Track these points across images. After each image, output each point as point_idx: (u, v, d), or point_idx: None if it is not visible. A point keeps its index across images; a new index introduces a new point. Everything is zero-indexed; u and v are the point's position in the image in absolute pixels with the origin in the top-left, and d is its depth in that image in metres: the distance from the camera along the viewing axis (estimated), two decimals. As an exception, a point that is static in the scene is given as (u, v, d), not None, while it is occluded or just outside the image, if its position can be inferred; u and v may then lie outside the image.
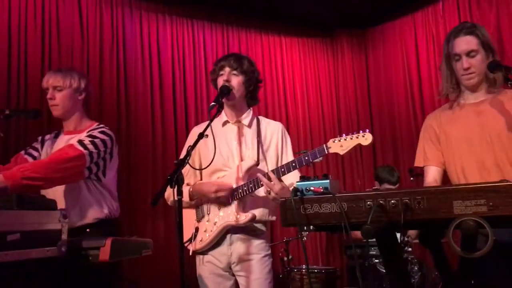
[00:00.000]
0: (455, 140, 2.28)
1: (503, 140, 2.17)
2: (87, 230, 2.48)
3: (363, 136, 2.15)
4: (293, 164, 2.30)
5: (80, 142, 2.46)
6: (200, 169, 2.57)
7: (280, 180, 2.34)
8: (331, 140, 2.22)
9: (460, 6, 5.31)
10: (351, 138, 2.17)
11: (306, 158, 2.25)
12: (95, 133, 2.56)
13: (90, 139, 2.50)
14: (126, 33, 4.83)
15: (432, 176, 2.33)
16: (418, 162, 2.44)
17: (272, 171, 2.33)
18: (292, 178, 2.39)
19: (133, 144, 4.64)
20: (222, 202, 2.46)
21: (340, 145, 2.19)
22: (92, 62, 4.54)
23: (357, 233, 1.40)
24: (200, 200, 2.55)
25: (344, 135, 2.20)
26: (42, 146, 2.72)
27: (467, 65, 2.22)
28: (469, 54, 2.23)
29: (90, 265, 2.00)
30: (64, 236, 1.94)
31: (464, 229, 1.28)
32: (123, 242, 2.09)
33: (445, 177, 2.36)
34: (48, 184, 2.33)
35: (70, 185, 2.51)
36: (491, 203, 1.32)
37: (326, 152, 2.21)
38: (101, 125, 2.67)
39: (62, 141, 2.63)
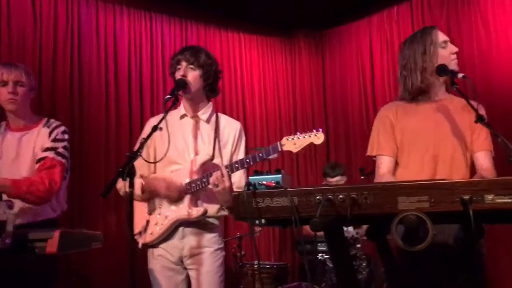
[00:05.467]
0: (411, 133, 2.33)
1: (454, 142, 2.27)
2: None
3: (315, 135, 2.21)
4: (247, 161, 2.32)
5: (58, 153, 2.57)
6: (154, 162, 2.54)
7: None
8: (284, 138, 2.26)
9: (413, 11, 5.50)
10: (304, 137, 2.22)
11: (260, 155, 2.28)
12: (60, 135, 2.62)
13: (63, 146, 2.61)
14: (82, 23, 4.70)
15: (386, 167, 2.35)
16: (370, 151, 2.44)
17: (226, 166, 2.35)
18: (237, 177, 2.43)
19: (85, 136, 4.54)
20: (172, 199, 2.45)
21: (293, 143, 2.23)
22: (45, 51, 4.40)
23: (308, 229, 1.43)
24: (151, 194, 2.52)
25: (298, 133, 2.25)
26: None
27: (457, 49, 2.34)
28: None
29: (36, 258, 1.96)
30: (9, 228, 1.89)
31: (406, 224, 1.34)
32: (72, 234, 2.05)
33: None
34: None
35: None
36: (432, 200, 1.39)
37: (280, 150, 2.25)
38: (54, 122, 2.68)
39: (13, 138, 2.61)
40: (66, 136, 2.66)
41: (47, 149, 2.56)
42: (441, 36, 2.35)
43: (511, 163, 1.73)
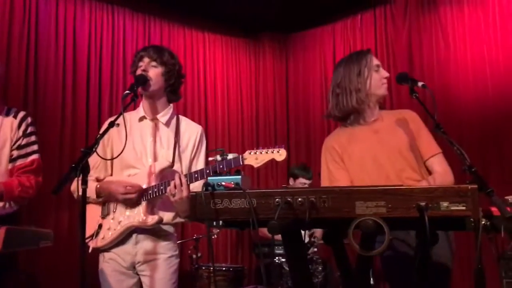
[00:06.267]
0: (358, 159, 2.34)
1: (403, 155, 2.29)
2: None
3: (278, 152, 2.16)
4: (207, 171, 2.25)
5: (36, 152, 2.64)
6: (110, 159, 2.46)
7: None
8: (247, 152, 2.21)
9: (376, 20, 5.61)
10: (267, 152, 2.17)
11: (221, 166, 2.22)
12: (30, 128, 2.63)
13: (35, 141, 2.64)
14: (40, 13, 4.53)
15: None
16: (324, 183, 2.43)
17: (185, 175, 2.28)
18: (197, 184, 2.35)
19: (39, 132, 4.33)
20: (130, 203, 2.36)
21: (255, 158, 2.18)
22: (-2, 40, 4.23)
23: (266, 232, 1.42)
24: (107, 198, 2.43)
25: (260, 148, 2.22)
26: None
27: (388, 74, 2.39)
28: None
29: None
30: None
31: (363, 228, 1.34)
32: (19, 232, 1.97)
33: None
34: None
35: None
36: (390, 205, 1.40)
37: (242, 164, 2.20)
38: (19, 111, 2.65)
39: None
40: (35, 129, 2.67)
41: (24, 148, 2.58)
42: (375, 60, 2.41)
43: (465, 172, 1.77)
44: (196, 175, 2.27)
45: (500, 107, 4.58)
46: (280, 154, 2.16)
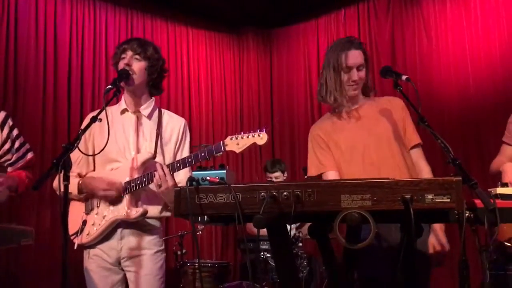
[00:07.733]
0: (344, 146, 2.35)
1: (389, 141, 2.31)
2: None
3: (259, 136, 2.16)
4: (189, 160, 2.25)
5: (30, 150, 2.65)
6: (92, 155, 2.43)
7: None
8: (228, 138, 2.21)
9: (360, 15, 5.64)
10: (248, 137, 2.17)
11: (203, 154, 2.21)
12: (15, 130, 2.63)
13: (25, 141, 2.66)
14: (19, 8, 4.45)
15: None
16: (311, 172, 2.43)
17: (168, 165, 2.27)
18: (182, 176, 2.36)
19: (20, 128, 4.26)
20: (111, 200, 2.34)
21: (236, 143, 2.18)
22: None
23: (251, 227, 1.40)
24: (89, 195, 2.41)
25: (242, 133, 2.21)
26: None
27: (356, 78, 2.34)
28: (359, 67, 2.35)
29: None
30: None
31: (349, 221, 1.34)
32: (-2, 230, 1.92)
33: None
34: None
35: None
36: (375, 198, 1.40)
37: (223, 150, 2.19)
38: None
39: None
40: (18, 130, 2.66)
41: (20, 149, 2.59)
42: (351, 60, 2.33)
43: (449, 164, 1.78)
44: (178, 164, 2.26)
45: (481, 101, 4.64)
46: (261, 138, 2.15)
